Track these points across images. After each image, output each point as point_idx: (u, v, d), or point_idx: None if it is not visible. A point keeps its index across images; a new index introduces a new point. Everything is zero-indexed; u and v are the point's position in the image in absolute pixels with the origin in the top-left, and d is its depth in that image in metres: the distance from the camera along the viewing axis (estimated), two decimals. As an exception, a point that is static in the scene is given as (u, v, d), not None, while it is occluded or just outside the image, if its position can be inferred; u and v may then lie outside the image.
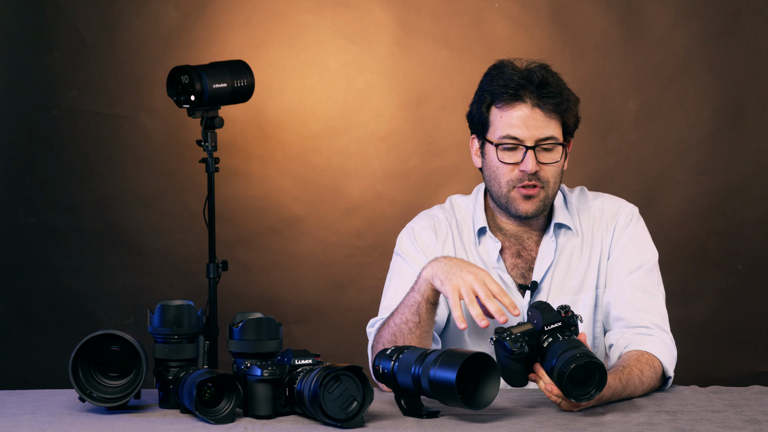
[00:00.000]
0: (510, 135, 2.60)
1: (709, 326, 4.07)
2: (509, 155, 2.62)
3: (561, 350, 2.25)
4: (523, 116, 2.60)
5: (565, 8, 4.04)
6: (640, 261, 2.70)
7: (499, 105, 2.62)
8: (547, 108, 2.60)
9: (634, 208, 2.77)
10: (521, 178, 2.62)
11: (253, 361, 2.29)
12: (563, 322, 2.30)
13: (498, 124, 2.62)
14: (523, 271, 2.72)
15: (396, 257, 2.78)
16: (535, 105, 2.60)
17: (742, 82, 4.06)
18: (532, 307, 2.33)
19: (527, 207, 2.64)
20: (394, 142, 4.10)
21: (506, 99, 2.60)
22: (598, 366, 2.22)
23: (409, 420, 2.25)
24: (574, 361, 2.21)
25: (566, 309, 2.32)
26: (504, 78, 2.62)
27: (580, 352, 2.22)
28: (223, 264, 3.45)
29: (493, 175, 2.65)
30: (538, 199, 2.64)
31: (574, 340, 2.27)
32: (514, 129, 2.60)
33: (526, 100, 2.60)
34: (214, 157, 3.41)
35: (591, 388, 2.24)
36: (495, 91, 2.62)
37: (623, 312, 2.66)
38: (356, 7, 4.07)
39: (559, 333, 2.29)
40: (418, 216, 2.81)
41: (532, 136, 2.60)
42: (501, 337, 2.30)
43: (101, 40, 4.06)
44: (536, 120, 2.60)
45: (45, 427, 2.22)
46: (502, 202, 2.66)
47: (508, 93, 2.60)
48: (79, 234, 4.08)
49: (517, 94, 2.60)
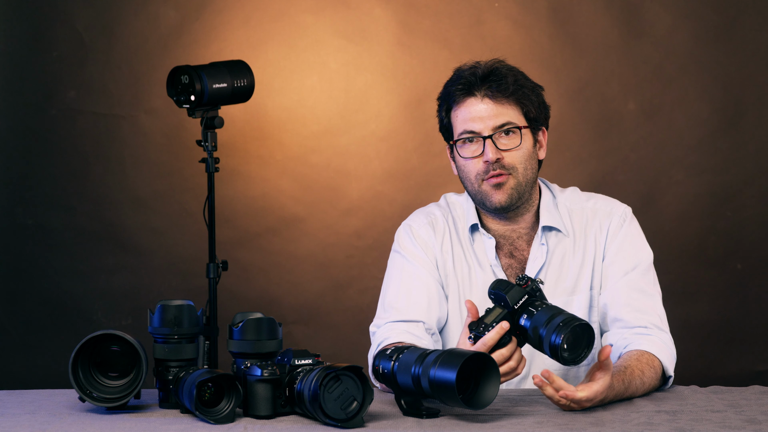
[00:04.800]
0: (466, 129, 2.67)
1: (708, 326, 4.06)
2: (470, 149, 2.67)
3: (543, 321, 2.24)
4: (475, 109, 2.66)
5: (565, 8, 4.04)
6: (635, 261, 2.70)
7: (454, 105, 2.69)
8: (496, 95, 2.66)
9: (627, 209, 2.77)
10: (486, 169, 2.66)
11: (253, 361, 2.29)
12: (528, 294, 2.30)
13: (456, 124, 2.69)
14: (517, 271, 2.73)
15: (394, 254, 2.78)
16: (484, 95, 2.66)
17: (742, 82, 4.06)
18: (492, 290, 2.32)
19: (499, 197, 2.66)
20: (394, 142, 4.09)
21: (458, 97, 2.68)
22: (585, 327, 2.22)
23: (409, 420, 2.25)
24: (563, 329, 2.21)
25: (524, 279, 2.31)
26: (454, 79, 2.71)
27: (563, 319, 2.22)
28: (223, 264, 3.44)
29: (464, 174, 2.70)
30: (509, 186, 2.66)
31: (551, 307, 2.27)
32: (468, 123, 2.66)
33: (476, 93, 2.67)
34: (214, 157, 3.41)
35: (581, 350, 2.24)
36: (449, 94, 2.70)
37: (621, 313, 2.66)
38: (356, 7, 4.06)
39: (531, 306, 2.28)
40: (414, 213, 2.82)
41: (487, 126, 2.65)
42: (478, 332, 2.30)
43: (100, 40, 4.06)
44: (488, 110, 2.65)
45: (45, 427, 2.22)
46: (478, 199, 2.70)
47: (459, 91, 2.68)
48: (77, 235, 4.07)
49: (465, 89, 2.67)
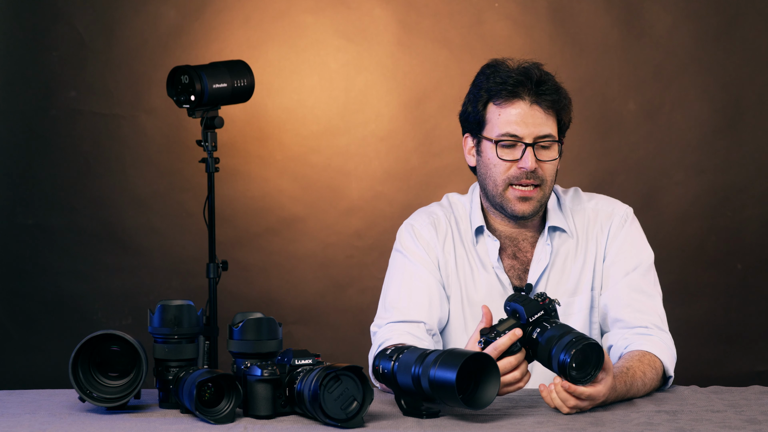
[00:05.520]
0: (509, 132, 2.60)
1: (709, 326, 4.07)
2: (508, 152, 2.62)
3: (555, 338, 2.24)
4: (521, 113, 2.60)
5: (565, 8, 4.04)
6: (636, 262, 2.70)
7: (498, 102, 2.61)
8: (545, 105, 2.60)
9: (629, 209, 2.76)
10: (519, 175, 2.61)
11: (253, 361, 2.29)
12: (545, 310, 2.30)
13: (496, 122, 2.62)
14: (519, 273, 2.71)
15: (396, 254, 2.76)
16: (534, 102, 2.60)
17: (742, 82, 4.06)
18: (509, 302, 2.32)
19: (524, 208, 2.64)
20: (394, 142, 4.09)
21: (504, 96, 2.60)
22: (595, 347, 2.23)
23: (409, 420, 2.25)
24: (572, 347, 2.21)
25: (543, 296, 2.32)
26: (501, 75, 2.62)
27: (575, 337, 2.22)
28: (223, 264, 3.44)
29: (489, 173, 2.65)
30: (535, 200, 2.63)
31: (563, 326, 2.27)
32: (512, 126, 2.60)
33: (525, 98, 2.60)
34: (214, 157, 3.41)
35: (590, 369, 2.24)
36: (492, 89, 2.62)
37: (621, 313, 2.65)
38: (356, 7, 4.06)
39: (545, 322, 2.29)
40: (416, 213, 2.80)
41: (531, 134, 2.60)
42: (489, 338, 2.29)
43: (100, 40, 4.06)
44: (534, 117, 2.60)
45: (45, 427, 2.22)
46: (497, 201, 2.66)
47: (507, 90, 2.60)
48: (77, 235, 4.07)
49: (515, 91, 2.59)
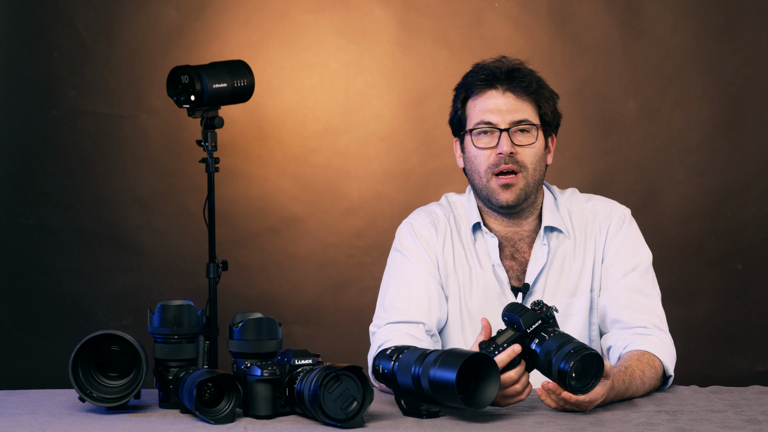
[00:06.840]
0: (484, 120, 2.67)
1: (709, 326, 4.06)
2: (484, 140, 2.67)
3: (554, 348, 2.24)
4: (495, 101, 2.66)
5: (565, 8, 4.04)
6: (634, 263, 2.70)
7: (473, 95, 2.69)
8: (518, 91, 2.66)
9: (627, 210, 2.77)
10: (497, 162, 2.65)
11: (253, 361, 2.29)
12: (542, 319, 2.30)
13: (473, 114, 2.68)
14: (518, 273, 2.72)
15: (395, 253, 2.77)
16: (506, 89, 2.67)
17: (742, 82, 4.06)
18: (506, 312, 2.31)
19: (507, 196, 2.66)
20: (394, 142, 4.09)
21: (478, 87, 2.68)
22: (595, 357, 2.22)
23: (409, 420, 2.25)
24: (571, 358, 2.21)
25: (540, 305, 2.31)
26: (476, 70, 2.71)
27: (573, 347, 2.22)
28: (223, 264, 3.44)
29: (473, 166, 2.69)
30: (518, 187, 2.66)
31: (561, 335, 2.26)
32: (486, 114, 2.66)
33: (497, 86, 2.67)
34: (214, 157, 3.41)
35: (590, 379, 2.24)
36: (468, 83, 2.70)
37: (620, 314, 2.65)
38: (356, 7, 4.06)
39: (543, 331, 2.28)
40: (415, 212, 2.81)
41: (505, 120, 2.65)
42: (489, 351, 2.28)
43: (100, 40, 4.06)
44: (508, 104, 2.66)
45: (45, 427, 2.22)
46: (484, 195, 2.69)
47: (480, 81, 2.67)
48: (77, 234, 4.07)
49: (488, 81, 2.67)
